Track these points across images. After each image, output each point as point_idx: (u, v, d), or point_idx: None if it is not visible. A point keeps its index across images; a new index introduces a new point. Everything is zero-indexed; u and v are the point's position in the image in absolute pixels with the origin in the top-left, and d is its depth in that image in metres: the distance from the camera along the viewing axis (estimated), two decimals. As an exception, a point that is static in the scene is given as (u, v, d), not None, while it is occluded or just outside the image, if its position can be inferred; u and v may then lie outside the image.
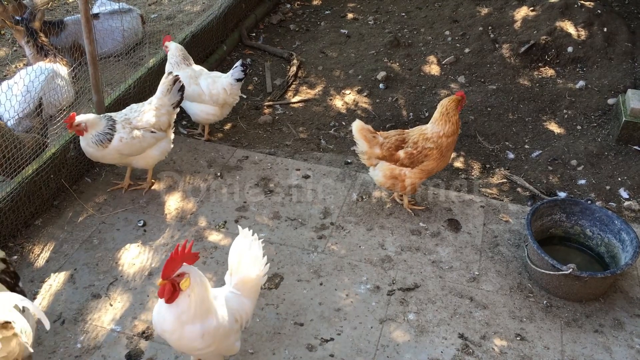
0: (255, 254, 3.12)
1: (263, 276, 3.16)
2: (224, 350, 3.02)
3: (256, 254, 3.13)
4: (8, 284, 3.05)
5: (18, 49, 5.91)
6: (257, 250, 3.14)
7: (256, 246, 3.14)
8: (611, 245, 3.96)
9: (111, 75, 5.44)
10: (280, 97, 5.76)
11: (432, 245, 4.13)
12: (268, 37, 6.72)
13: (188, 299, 2.72)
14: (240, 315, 3.03)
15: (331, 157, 4.97)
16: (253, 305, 3.14)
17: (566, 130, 5.34)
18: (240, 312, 3.03)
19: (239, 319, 3.02)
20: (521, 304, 3.75)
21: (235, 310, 2.99)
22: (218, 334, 2.86)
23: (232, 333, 2.98)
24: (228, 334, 2.93)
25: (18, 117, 4.50)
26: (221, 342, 2.92)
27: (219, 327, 2.84)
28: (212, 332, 2.82)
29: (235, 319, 2.98)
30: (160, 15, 6.68)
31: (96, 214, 4.26)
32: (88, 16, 4.23)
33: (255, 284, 3.12)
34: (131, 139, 4.11)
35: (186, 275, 2.69)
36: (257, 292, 3.17)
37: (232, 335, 2.98)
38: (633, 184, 4.75)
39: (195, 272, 2.76)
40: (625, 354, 3.48)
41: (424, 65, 6.14)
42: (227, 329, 2.91)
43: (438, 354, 3.42)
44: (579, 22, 6.22)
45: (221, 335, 2.89)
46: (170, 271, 2.65)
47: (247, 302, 3.08)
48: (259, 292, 3.21)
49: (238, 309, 3.02)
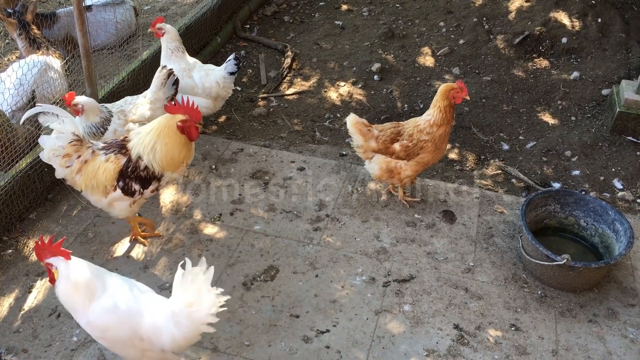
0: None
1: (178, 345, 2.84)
2: (130, 358, 2.89)
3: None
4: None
5: (10, 41, 5.87)
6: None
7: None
8: (605, 236, 3.98)
9: (104, 67, 5.41)
10: (274, 89, 5.75)
11: (427, 237, 4.15)
12: (262, 28, 6.69)
13: (59, 288, 2.77)
14: (150, 334, 2.77)
15: (326, 149, 4.96)
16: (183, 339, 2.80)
17: (560, 121, 5.36)
18: (157, 333, 2.77)
19: (148, 339, 2.78)
20: (516, 294, 3.77)
21: (148, 325, 2.77)
22: (102, 331, 2.77)
23: (131, 345, 2.80)
24: (123, 340, 2.79)
25: (11, 110, 4.48)
26: (115, 346, 2.84)
27: (97, 322, 2.76)
28: (96, 326, 2.76)
29: (141, 338, 2.77)
30: (154, 7, 6.64)
31: (91, 208, 4.24)
32: (81, 8, 4.21)
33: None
34: (126, 132, 4.09)
35: (53, 267, 2.76)
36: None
37: (129, 347, 2.81)
38: (627, 175, 4.77)
39: (63, 268, 2.74)
40: (619, 343, 3.50)
41: (419, 57, 6.13)
42: (114, 334, 2.77)
43: (433, 345, 3.44)
44: (574, 12, 6.22)
45: (110, 338, 2.78)
46: (38, 257, 2.79)
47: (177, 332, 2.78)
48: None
49: (151, 328, 2.78)
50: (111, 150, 3.58)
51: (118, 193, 3.56)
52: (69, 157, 3.52)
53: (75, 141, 3.51)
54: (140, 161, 3.53)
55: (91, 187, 3.57)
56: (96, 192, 3.59)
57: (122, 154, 3.56)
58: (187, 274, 2.70)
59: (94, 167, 3.54)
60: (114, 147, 3.59)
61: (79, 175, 3.55)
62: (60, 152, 3.49)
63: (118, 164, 3.54)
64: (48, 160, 3.53)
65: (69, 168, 3.53)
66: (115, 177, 3.54)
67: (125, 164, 3.54)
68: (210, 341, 3.40)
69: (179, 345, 2.81)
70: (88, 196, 3.67)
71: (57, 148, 3.49)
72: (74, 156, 3.52)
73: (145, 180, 3.56)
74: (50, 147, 3.49)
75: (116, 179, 3.54)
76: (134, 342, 2.80)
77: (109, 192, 3.57)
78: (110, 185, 3.55)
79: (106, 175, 3.53)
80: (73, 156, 3.52)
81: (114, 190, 3.56)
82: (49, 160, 3.53)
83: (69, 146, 3.50)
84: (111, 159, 3.55)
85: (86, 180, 3.56)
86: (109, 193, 3.57)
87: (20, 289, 3.67)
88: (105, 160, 3.55)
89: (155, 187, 3.63)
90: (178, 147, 3.53)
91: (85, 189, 3.61)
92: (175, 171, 3.63)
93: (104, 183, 3.55)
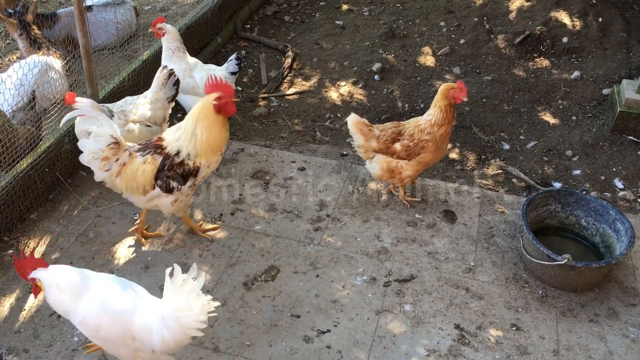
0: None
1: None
2: (124, 358, 2.94)
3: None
4: None
5: (11, 42, 5.87)
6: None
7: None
8: (606, 235, 3.98)
9: (105, 68, 5.41)
10: (275, 89, 5.75)
11: (428, 237, 4.14)
12: (262, 28, 6.69)
13: (49, 297, 2.83)
14: (141, 334, 2.80)
15: (327, 149, 4.96)
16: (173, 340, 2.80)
17: (561, 121, 5.35)
18: (148, 333, 2.80)
19: (139, 338, 2.81)
20: (517, 294, 3.77)
21: (139, 326, 2.80)
22: (96, 330, 2.83)
23: (124, 344, 2.84)
24: (115, 339, 2.84)
25: (12, 110, 4.48)
26: (108, 345, 2.90)
27: (88, 321, 2.82)
28: (89, 325, 2.82)
29: (133, 337, 2.80)
30: (154, 7, 6.64)
31: (92, 208, 4.25)
32: (81, 8, 4.20)
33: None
34: (126, 133, 4.09)
35: (37, 280, 2.79)
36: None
37: (120, 347, 2.86)
38: (628, 174, 4.77)
39: (45, 277, 2.78)
40: (620, 343, 3.50)
41: (419, 57, 6.13)
42: (107, 334, 2.83)
43: (434, 345, 3.44)
44: (574, 12, 6.21)
45: (103, 337, 2.85)
46: (22, 276, 2.83)
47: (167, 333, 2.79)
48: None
49: (142, 327, 2.80)
50: (147, 151, 3.63)
51: (157, 191, 3.63)
52: (107, 160, 3.56)
53: (113, 144, 3.56)
54: (177, 157, 3.58)
55: (131, 189, 3.63)
56: (136, 193, 3.66)
57: (158, 153, 3.61)
58: (177, 279, 2.71)
59: (132, 170, 3.59)
60: (150, 148, 3.64)
61: (118, 178, 3.61)
62: (100, 155, 3.54)
63: (155, 164, 3.59)
64: (87, 163, 3.58)
65: (107, 171, 3.58)
66: (153, 177, 3.60)
67: (162, 162, 3.59)
68: (211, 341, 3.40)
69: (169, 347, 2.83)
70: (128, 197, 3.72)
71: (96, 151, 3.53)
72: (112, 159, 3.57)
73: (182, 176, 3.62)
74: (89, 151, 3.54)
75: (154, 178, 3.60)
76: (126, 341, 2.83)
77: (147, 191, 3.63)
78: (149, 185, 3.61)
79: (145, 177, 3.59)
80: (111, 159, 3.57)
81: (153, 189, 3.62)
82: (88, 163, 3.58)
83: (107, 149, 3.55)
84: (148, 160, 3.60)
85: (126, 183, 3.61)
86: (147, 192, 3.64)
87: (21, 289, 3.67)
88: (143, 162, 3.59)
89: (192, 182, 3.67)
90: (217, 127, 3.56)
91: (125, 190, 3.66)
92: (212, 159, 3.64)
93: (143, 184, 3.61)
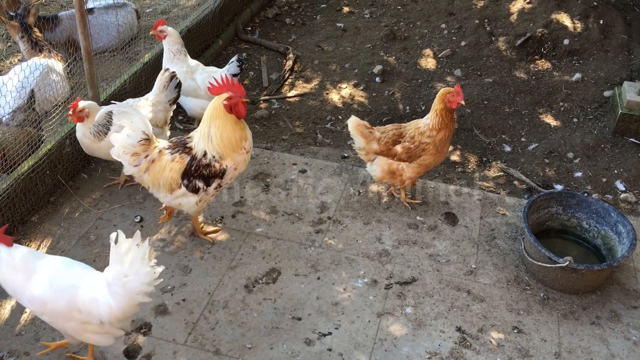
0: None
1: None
2: (72, 333, 3.02)
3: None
4: None
5: (12, 44, 5.88)
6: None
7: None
8: (608, 238, 3.97)
9: (106, 70, 5.41)
10: (276, 92, 5.75)
11: (429, 239, 4.14)
12: (264, 31, 6.70)
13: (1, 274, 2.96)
14: (87, 305, 2.89)
15: (328, 152, 4.96)
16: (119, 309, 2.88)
17: (562, 123, 5.35)
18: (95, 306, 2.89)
19: (85, 310, 2.89)
20: (518, 296, 3.76)
21: (86, 299, 2.89)
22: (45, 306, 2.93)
23: (71, 318, 2.93)
24: (61, 313, 2.92)
25: (12, 111, 4.48)
26: (57, 320, 2.98)
27: (36, 297, 2.92)
28: (36, 301, 2.92)
29: (79, 309, 2.89)
30: (155, 10, 6.65)
31: (93, 210, 4.25)
32: (82, 11, 4.21)
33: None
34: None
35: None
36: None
37: (68, 320, 2.94)
38: (629, 176, 4.76)
39: (4, 254, 2.91)
40: (621, 345, 3.49)
41: (420, 59, 6.13)
42: (59, 307, 2.92)
43: (436, 347, 3.43)
44: (575, 14, 6.21)
45: (50, 312, 2.94)
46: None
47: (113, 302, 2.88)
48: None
49: (88, 300, 2.90)
50: (176, 150, 3.66)
51: (183, 190, 3.65)
52: (137, 155, 3.60)
53: (144, 140, 3.59)
54: (204, 159, 3.60)
55: (158, 186, 3.67)
56: (162, 190, 3.69)
57: (186, 152, 3.64)
58: (121, 245, 2.77)
59: (160, 167, 3.62)
60: (179, 147, 3.67)
61: (146, 174, 3.64)
62: (130, 150, 3.58)
63: (183, 163, 3.62)
64: (118, 157, 3.62)
65: (137, 167, 3.61)
66: (180, 176, 3.63)
67: (189, 162, 3.62)
68: (212, 344, 3.40)
69: (116, 316, 2.89)
70: (155, 193, 3.75)
71: (127, 145, 3.57)
72: (142, 155, 3.61)
73: (208, 177, 3.64)
74: (121, 144, 3.58)
75: (181, 177, 3.62)
76: (73, 314, 2.90)
77: (174, 189, 3.66)
78: (175, 183, 3.64)
79: (172, 175, 3.62)
80: (141, 155, 3.61)
81: (179, 188, 3.65)
82: (119, 157, 3.62)
83: (138, 145, 3.59)
84: (176, 158, 3.63)
85: (153, 179, 3.65)
86: (174, 190, 3.66)
87: (22, 291, 3.67)
88: (171, 160, 3.62)
89: (218, 183, 3.69)
90: (230, 126, 3.57)
91: (152, 186, 3.70)
92: (237, 159, 3.65)
93: (170, 182, 3.63)
